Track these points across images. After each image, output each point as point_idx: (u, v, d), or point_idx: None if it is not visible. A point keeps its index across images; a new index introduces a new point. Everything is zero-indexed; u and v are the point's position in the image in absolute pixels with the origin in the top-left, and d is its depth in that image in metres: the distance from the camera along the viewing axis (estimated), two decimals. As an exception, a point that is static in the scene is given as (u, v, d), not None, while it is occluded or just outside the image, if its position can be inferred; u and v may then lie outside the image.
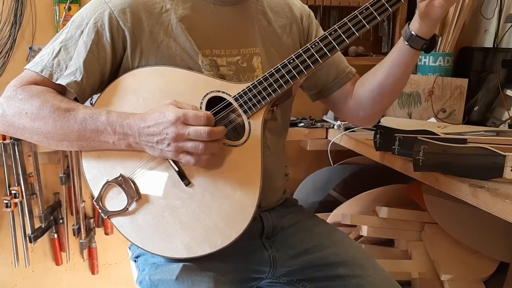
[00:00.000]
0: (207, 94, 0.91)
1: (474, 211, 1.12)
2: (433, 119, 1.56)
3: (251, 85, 0.90)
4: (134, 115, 0.87)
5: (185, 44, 0.95)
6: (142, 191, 0.91)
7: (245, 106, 0.91)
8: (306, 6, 1.17)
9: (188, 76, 0.93)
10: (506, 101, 1.56)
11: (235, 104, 0.91)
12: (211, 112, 0.91)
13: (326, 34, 0.90)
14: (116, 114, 0.87)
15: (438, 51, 1.70)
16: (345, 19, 0.89)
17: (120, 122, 0.86)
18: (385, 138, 1.22)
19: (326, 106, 1.24)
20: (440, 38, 1.70)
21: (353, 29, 0.89)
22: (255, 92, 0.90)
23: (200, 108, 0.90)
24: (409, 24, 0.97)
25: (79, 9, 1.07)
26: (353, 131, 1.60)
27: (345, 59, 1.17)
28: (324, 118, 1.84)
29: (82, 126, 0.87)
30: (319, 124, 1.77)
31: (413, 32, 0.95)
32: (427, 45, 0.96)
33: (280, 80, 0.90)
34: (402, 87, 1.09)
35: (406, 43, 0.97)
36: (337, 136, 1.63)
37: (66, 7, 1.66)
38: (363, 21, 0.88)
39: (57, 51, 0.92)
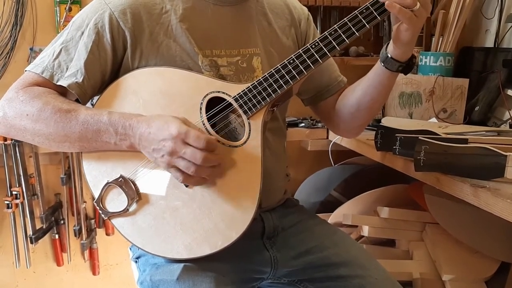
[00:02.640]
0: (207, 94, 0.91)
1: (475, 211, 1.12)
2: (434, 119, 1.56)
3: (251, 85, 0.90)
4: (138, 116, 0.87)
5: (185, 45, 0.95)
6: (143, 192, 0.91)
7: (245, 107, 0.91)
8: (305, 9, 1.17)
9: (188, 76, 0.93)
10: (507, 101, 1.55)
11: (235, 105, 0.91)
12: (211, 112, 0.91)
13: (326, 34, 0.89)
14: (118, 115, 0.87)
15: (439, 51, 1.70)
16: (345, 19, 0.89)
17: (122, 122, 0.86)
18: (386, 138, 1.22)
19: (315, 114, 1.24)
20: (441, 39, 1.70)
21: (353, 29, 0.88)
22: (255, 93, 0.90)
23: (200, 109, 0.91)
24: (387, 45, 0.97)
25: (80, 10, 1.07)
26: (354, 131, 1.60)
27: (338, 68, 1.18)
28: (325, 118, 1.84)
29: (83, 127, 0.87)
30: (320, 124, 1.77)
31: (389, 55, 0.96)
32: (403, 67, 0.97)
33: (280, 81, 0.90)
34: (379, 106, 1.11)
35: (382, 64, 0.97)
36: (338, 137, 1.62)
37: (67, 8, 1.66)
38: (363, 21, 0.88)
39: (58, 53, 0.92)
